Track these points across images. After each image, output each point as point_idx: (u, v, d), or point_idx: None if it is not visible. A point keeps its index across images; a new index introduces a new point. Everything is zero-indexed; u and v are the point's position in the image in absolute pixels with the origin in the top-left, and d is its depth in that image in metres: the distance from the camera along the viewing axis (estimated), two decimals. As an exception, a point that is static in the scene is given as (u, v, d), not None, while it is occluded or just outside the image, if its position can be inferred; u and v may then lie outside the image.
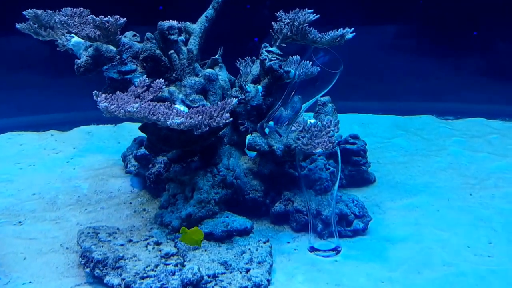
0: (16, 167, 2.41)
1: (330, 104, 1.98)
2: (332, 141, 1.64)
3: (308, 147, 1.68)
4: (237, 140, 2.00)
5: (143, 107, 1.58)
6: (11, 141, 2.79)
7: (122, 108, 1.54)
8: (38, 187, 2.19)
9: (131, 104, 1.57)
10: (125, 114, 1.54)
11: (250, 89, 1.97)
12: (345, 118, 3.09)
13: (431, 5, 3.37)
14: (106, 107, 1.52)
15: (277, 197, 1.95)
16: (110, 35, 1.91)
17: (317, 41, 1.91)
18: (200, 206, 1.76)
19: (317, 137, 1.70)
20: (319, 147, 1.65)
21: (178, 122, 1.54)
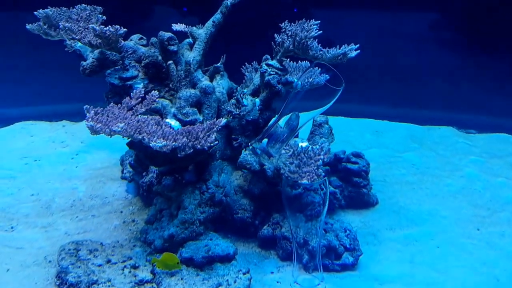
0: (22, 162, 2.40)
1: (327, 125, 1.85)
2: (318, 173, 1.53)
3: (294, 176, 1.57)
4: (231, 155, 1.91)
5: (130, 125, 1.52)
6: (23, 131, 2.79)
7: (107, 128, 1.49)
8: (38, 186, 2.17)
9: (116, 124, 1.51)
10: (110, 133, 1.49)
11: (246, 103, 1.86)
12: (357, 124, 2.95)
13: (461, 4, 3.11)
14: (91, 127, 1.48)
15: (267, 217, 1.86)
16: (111, 43, 1.86)
17: (318, 57, 1.78)
18: (184, 227, 1.69)
19: (306, 165, 1.59)
20: (305, 178, 1.54)
21: (160, 146, 1.47)
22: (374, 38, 3.16)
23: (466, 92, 3.18)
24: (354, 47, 1.79)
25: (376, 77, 3.18)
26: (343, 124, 2.98)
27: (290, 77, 1.97)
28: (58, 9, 2.12)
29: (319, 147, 1.61)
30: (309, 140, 1.85)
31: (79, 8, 2.10)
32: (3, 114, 2.99)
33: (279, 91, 1.84)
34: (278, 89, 1.83)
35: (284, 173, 1.58)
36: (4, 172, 2.28)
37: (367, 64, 3.12)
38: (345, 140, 2.76)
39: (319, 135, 1.83)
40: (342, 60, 1.77)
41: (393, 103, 3.13)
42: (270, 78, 1.83)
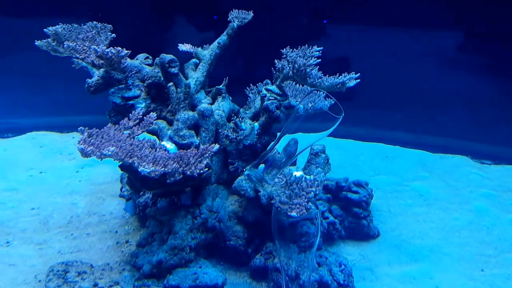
0: (27, 173, 2.42)
1: (324, 154, 1.80)
2: (308, 207, 1.47)
3: (284, 207, 1.52)
4: (227, 179, 1.88)
5: (122, 148, 1.51)
6: (34, 141, 2.82)
7: (98, 151, 1.47)
8: (39, 200, 2.18)
9: (107, 147, 1.49)
10: (101, 157, 1.47)
11: (245, 127, 1.83)
12: (368, 148, 2.88)
13: (479, 26, 2.99)
14: (82, 150, 1.46)
15: (261, 246, 1.82)
16: (113, 63, 1.86)
17: (316, 85, 1.74)
18: (173, 253, 1.66)
19: (297, 196, 1.54)
20: (294, 210, 1.49)
21: (147, 172, 1.45)
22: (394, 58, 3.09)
23: (485, 120, 3.04)
24: (354, 76, 1.74)
25: (391, 99, 3.09)
26: (353, 147, 2.92)
27: (293, 101, 1.93)
28: (69, 25, 2.12)
29: (313, 179, 1.56)
30: (305, 169, 1.79)
31: (89, 26, 2.10)
32: (16, 123, 3.03)
33: (277, 117, 1.80)
34: (276, 115, 1.79)
35: (275, 203, 1.54)
36: (8, 184, 2.30)
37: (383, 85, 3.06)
38: (353, 164, 2.70)
39: (315, 165, 1.78)
40: (340, 89, 1.73)
41: (406, 127, 3.04)
42: (269, 104, 1.80)
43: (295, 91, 2.06)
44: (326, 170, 1.78)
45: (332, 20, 3.07)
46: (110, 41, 2.06)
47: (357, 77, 1.74)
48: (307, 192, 1.53)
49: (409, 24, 3.00)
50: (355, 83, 1.73)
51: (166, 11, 3.10)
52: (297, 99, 1.99)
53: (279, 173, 1.68)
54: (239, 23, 2.10)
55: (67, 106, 3.12)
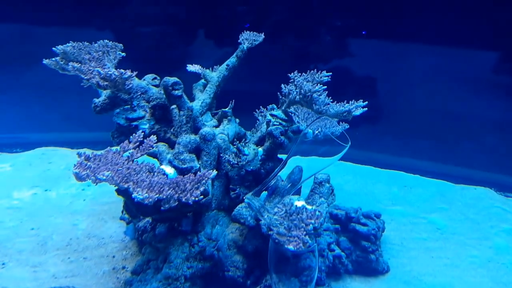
0: (32, 191, 2.46)
1: (328, 184, 1.77)
2: (305, 241, 1.44)
3: (282, 239, 1.50)
4: (228, 205, 1.87)
5: (118, 172, 1.53)
6: (43, 157, 2.87)
7: (93, 175, 1.49)
8: (40, 220, 2.21)
9: (102, 172, 1.51)
10: (96, 181, 1.49)
11: (248, 152, 1.83)
12: (386, 176, 2.83)
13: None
14: (76, 174, 1.48)
15: (262, 277, 1.79)
16: (118, 85, 1.89)
17: (322, 112, 1.72)
18: (166, 283, 1.65)
19: (296, 228, 1.52)
20: (292, 243, 1.46)
21: (141, 198, 1.46)
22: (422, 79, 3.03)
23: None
24: (362, 104, 1.72)
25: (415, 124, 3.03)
26: (371, 174, 2.87)
27: (302, 125, 1.92)
28: (79, 44, 2.16)
29: (314, 210, 1.53)
30: (308, 199, 1.77)
31: (100, 44, 2.14)
32: (27, 138, 3.09)
33: (281, 143, 1.79)
34: (280, 141, 1.78)
35: (273, 234, 1.52)
36: (11, 202, 2.35)
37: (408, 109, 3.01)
38: (370, 192, 2.65)
39: (319, 195, 1.75)
40: (346, 117, 1.71)
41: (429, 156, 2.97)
42: (273, 129, 1.79)
43: (307, 114, 2.05)
44: (330, 201, 1.75)
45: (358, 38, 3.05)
46: (119, 60, 2.09)
47: (364, 106, 1.72)
48: (306, 224, 1.50)
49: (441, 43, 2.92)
50: (361, 112, 1.71)
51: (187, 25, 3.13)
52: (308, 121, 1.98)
53: (280, 202, 1.67)
54: (249, 45, 2.11)
55: (79, 122, 3.17)
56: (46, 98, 3.16)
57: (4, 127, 3.11)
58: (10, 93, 3.16)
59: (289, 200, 1.66)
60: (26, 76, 3.19)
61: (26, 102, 3.18)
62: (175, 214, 1.71)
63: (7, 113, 3.16)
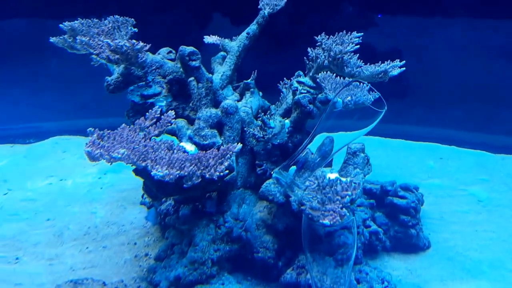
0: (46, 181, 2.41)
1: (363, 154, 1.67)
2: (342, 214, 1.35)
3: (315, 214, 1.40)
4: (255, 182, 1.77)
5: (134, 150, 1.44)
6: (56, 146, 2.82)
7: (107, 154, 1.40)
8: (56, 210, 2.15)
9: (117, 150, 1.42)
10: (110, 160, 1.40)
11: (274, 125, 1.73)
12: (419, 149, 2.72)
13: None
14: (88, 153, 1.40)
15: (293, 258, 1.70)
16: (130, 58, 1.80)
17: (355, 75, 1.62)
18: (192, 268, 1.57)
19: (331, 201, 1.42)
20: (327, 217, 1.36)
21: (161, 176, 1.37)
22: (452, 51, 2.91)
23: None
24: (398, 64, 1.61)
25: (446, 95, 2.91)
26: (402, 147, 2.76)
27: (330, 95, 1.81)
28: (87, 20, 2.08)
29: (349, 181, 1.43)
30: (341, 171, 1.67)
31: (110, 20, 2.06)
32: (39, 127, 3.04)
33: (310, 112, 1.68)
34: (308, 110, 1.68)
35: (305, 209, 1.42)
36: (25, 194, 2.29)
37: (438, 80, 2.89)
38: (403, 166, 2.54)
39: (353, 166, 1.65)
40: (383, 79, 1.60)
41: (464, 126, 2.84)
42: (301, 98, 1.69)
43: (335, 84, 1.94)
44: (365, 172, 1.65)
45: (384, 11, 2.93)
46: (131, 35, 2.00)
47: (401, 65, 1.61)
48: (342, 196, 1.40)
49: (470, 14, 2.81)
50: (399, 72, 1.59)
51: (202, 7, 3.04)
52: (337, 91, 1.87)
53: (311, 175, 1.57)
54: (270, 10, 2.00)
55: (92, 108, 3.11)
56: (57, 88, 3.09)
57: (17, 118, 3.06)
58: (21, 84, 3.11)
59: (321, 172, 1.56)
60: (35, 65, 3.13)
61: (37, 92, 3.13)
62: (199, 193, 1.63)
63: (19, 104, 3.11)
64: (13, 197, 2.26)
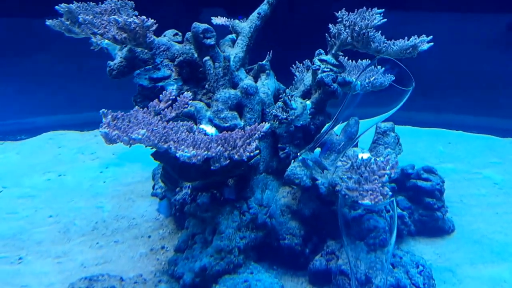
0: (44, 177, 2.29)
1: (393, 133, 1.61)
2: (384, 192, 1.28)
3: (353, 194, 1.33)
4: (277, 167, 1.70)
5: (154, 132, 1.34)
6: (51, 142, 2.70)
7: (126, 135, 1.31)
8: (58, 206, 2.04)
9: (137, 131, 1.33)
10: (129, 142, 1.31)
11: (295, 106, 1.66)
12: (426, 134, 2.69)
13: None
14: (106, 134, 1.30)
15: (320, 244, 1.63)
16: (138, 37, 1.71)
17: (382, 51, 1.55)
18: (219, 257, 1.48)
19: (368, 181, 1.35)
20: (367, 197, 1.30)
21: (188, 156, 1.28)
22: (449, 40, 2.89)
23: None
24: (426, 39, 1.55)
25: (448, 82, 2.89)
26: (410, 134, 2.73)
27: (348, 77, 1.75)
28: (84, 4, 1.98)
29: (385, 160, 1.37)
30: (371, 151, 1.61)
31: (108, 2, 1.96)
32: (31, 123, 2.91)
33: (334, 91, 1.62)
34: (333, 89, 1.61)
35: (341, 190, 1.35)
36: (22, 191, 2.16)
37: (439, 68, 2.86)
38: (412, 152, 2.50)
39: (384, 145, 1.59)
40: (411, 54, 1.54)
41: (468, 111, 2.83)
42: (324, 76, 1.62)
43: (348, 66, 1.89)
44: (397, 152, 1.59)
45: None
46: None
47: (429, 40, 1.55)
48: (380, 175, 1.34)
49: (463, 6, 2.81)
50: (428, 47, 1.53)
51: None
52: (351, 76, 1.81)
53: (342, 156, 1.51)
54: (281, -11, 1.93)
55: (85, 103, 2.99)
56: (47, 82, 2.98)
57: (5, 114, 2.92)
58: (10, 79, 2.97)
59: (352, 152, 1.50)
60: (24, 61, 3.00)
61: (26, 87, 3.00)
62: (222, 178, 1.54)
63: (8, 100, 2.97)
64: (9, 194, 2.13)
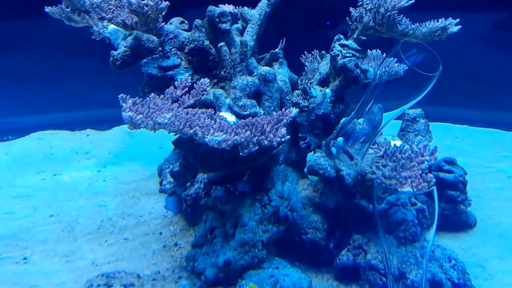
0: (39, 177, 2.16)
1: (423, 120, 1.54)
2: (428, 179, 1.21)
3: (391, 182, 1.26)
4: (296, 158, 1.62)
5: (178, 117, 1.25)
6: (41, 142, 2.55)
7: (150, 120, 1.21)
8: (58, 205, 1.92)
9: (162, 115, 1.24)
10: (154, 126, 1.22)
11: (315, 94, 1.58)
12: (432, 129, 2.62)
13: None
14: (130, 118, 1.21)
15: (343, 239, 1.55)
16: (149, 22, 1.62)
17: (408, 34, 1.49)
18: (243, 251, 1.39)
19: (405, 168, 1.28)
20: (407, 185, 1.22)
21: (219, 140, 1.19)
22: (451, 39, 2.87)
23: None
24: (455, 21, 1.49)
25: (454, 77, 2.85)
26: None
27: (364, 65, 1.68)
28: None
29: (422, 146, 1.30)
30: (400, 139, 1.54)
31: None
32: (18, 123, 2.78)
33: (357, 77, 1.55)
34: (356, 74, 1.54)
35: (376, 177, 1.27)
36: (17, 190, 2.04)
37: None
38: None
39: (414, 132, 1.52)
40: (440, 37, 1.48)
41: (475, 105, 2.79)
42: (346, 61, 1.55)
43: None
44: (428, 139, 1.52)
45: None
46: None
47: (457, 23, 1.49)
48: (419, 162, 1.27)
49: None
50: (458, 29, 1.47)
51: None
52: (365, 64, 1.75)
53: (368, 145, 1.43)
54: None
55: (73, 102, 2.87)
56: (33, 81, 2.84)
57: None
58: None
59: (384, 139, 1.43)
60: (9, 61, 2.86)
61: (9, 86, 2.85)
62: (245, 167, 1.45)
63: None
64: (3, 195, 2.01)
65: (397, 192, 1.26)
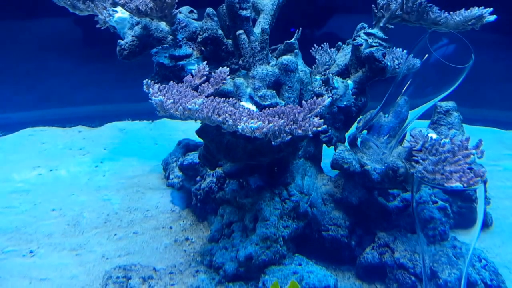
0: (35, 172, 2.06)
1: (456, 113, 1.49)
2: (480, 173, 1.16)
3: (435, 177, 1.20)
4: (314, 152, 1.56)
5: (206, 104, 1.17)
6: (32, 138, 2.44)
7: (180, 105, 1.14)
8: (59, 200, 1.83)
9: (193, 100, 1.16)
10: (183, 112, 1.15)
11: (337, 85, 1.52)
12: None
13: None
14: (161, 103, 1.13)
15: (365, 236, 1.49)
16: (165, 8, 1.54)
17: (440, 22, 1.43)
18: (265, 246, 1.32)
19: (448, 163, 1.22)
20: (454, 180, 1.17)
21: (254, 127, 1.12)
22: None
23: None
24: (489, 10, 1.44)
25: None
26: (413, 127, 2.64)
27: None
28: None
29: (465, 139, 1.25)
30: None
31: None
32: (7, 119, 2.65)
33: (384, 68, 1.49)
34: (383, 65, 1.49)
35: (417, 172, 1.21)
36: (14, 185, 1.94)
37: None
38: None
39: (447, 125, 1.47)
40: (474, 26, 1.43)
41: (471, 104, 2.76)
42: (374, 51, 1.49)
43: None
44: (461, 133, 1.47)
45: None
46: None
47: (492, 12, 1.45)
48: (464, 156, 1.22)
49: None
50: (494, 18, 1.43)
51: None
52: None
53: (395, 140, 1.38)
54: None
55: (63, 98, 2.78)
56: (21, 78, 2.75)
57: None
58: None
59: (419, 131, 1.37)
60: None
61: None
62: (269, 159, 1.38)
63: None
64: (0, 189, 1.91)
65: (444, 187, 1.20)
